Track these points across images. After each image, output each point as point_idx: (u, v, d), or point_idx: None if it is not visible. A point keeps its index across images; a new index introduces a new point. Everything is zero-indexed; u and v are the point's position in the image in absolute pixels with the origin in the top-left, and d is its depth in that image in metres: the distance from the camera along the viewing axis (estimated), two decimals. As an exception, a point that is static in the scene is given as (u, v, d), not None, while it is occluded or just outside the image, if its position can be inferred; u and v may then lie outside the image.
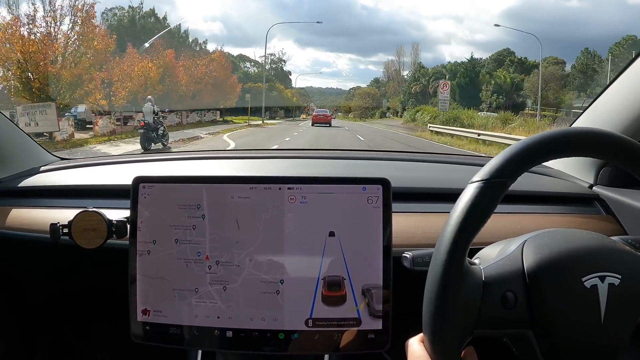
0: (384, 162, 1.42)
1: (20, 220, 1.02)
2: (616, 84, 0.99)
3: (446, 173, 1.27)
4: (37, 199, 1.09)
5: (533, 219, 0.98)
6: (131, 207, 0.74)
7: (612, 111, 0.99)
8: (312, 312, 0.71)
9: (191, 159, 1.37)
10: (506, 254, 0.57)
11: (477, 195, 0.52)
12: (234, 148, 10.70)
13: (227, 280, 0.72)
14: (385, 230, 0.71)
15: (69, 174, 1.21)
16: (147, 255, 0.73)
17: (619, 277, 0.52)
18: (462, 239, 0.51)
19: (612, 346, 0.53)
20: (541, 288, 0.53)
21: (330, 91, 74.85)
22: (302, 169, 1.29)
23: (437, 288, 0.52)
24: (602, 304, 0.52)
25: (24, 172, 1.19)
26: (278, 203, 0.72)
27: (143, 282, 0.73)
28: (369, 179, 0.72)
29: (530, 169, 0.54)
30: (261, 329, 0.71)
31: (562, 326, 0.52)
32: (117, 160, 1.33)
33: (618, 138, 0.55)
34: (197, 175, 0.76)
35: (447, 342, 0.52)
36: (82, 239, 0.77)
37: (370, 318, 0.71)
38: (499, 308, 0.53)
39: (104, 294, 1.09)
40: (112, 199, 1.03)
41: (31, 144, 1.28)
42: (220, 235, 0.72)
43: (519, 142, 0.54)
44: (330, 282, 0.71)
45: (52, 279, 1.12)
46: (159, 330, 0.73)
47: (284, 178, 0.73)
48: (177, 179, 0.75)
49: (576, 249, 0.54)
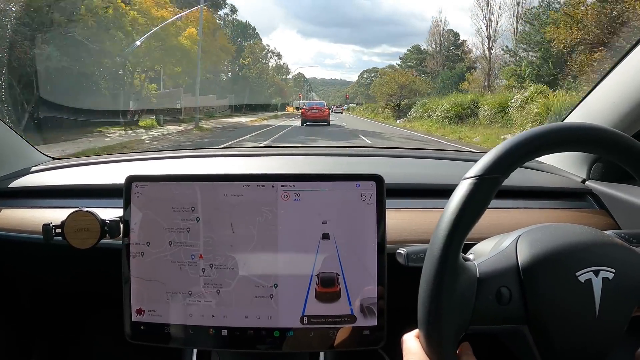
0: (378, 158, 1.42)
1: (12, 221, 1.01)
2: (609, 78, 0.99)
3: (440, 169, 1.27)
4: (29, 199, 1.08)
5: (527, 214, 0.98)
6: (124, 206, 0.73)
7: (605, 106, 1.00)
8: (304, 309, 0.71)
9: (184, 157, 1.36)
10: (500, 250, 0.57)
11: (470, 192, 0.52)
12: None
13: (221, 284, 0.71)
14: (379, 226, 0.71)
15: (61, 173, 1.20)
16: (141, 257, 0.73)
17: (613, 271, 0.53)
18: (456, 235, 0.51)
19: (607, 340, 0.53)
20: (536, 283, 0.53)
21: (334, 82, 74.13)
22: (295, 166, 1.28)
23: (431, 284, 0.52)
24: (596, 298, 0.52)
25: (16, 172, 1.18)
26: (272, 202, 0.72)
27: (137, 284, 0.73)
28: (362, 176, 0.72)
29: (523, 165, 0.54)
30: (256, 327, 0.71)
31: (556, 321, 0.52)
32: (109, 160, 1.32)
33: (611, 133, 0.55)
34: (189, 174, 0.75)
35: (442, 338, 0.52)
36: (75, 239, 0.76)
37: (364, 315, 0.71)
38: (494, 304, 0.53)
39: (97, 294, 1.08)
40: (104, 198, 1.02)
41: (22, 143, 1.26)
42: (214, 238, 0.72)
43: (512, 138, 0.54)
44: (324, 278, 0.70)
45: (45, 279, 1.11)
46: (153, 330, 0.72)
47: (277, 175, 0.73)
48: (169, 178, 0.74)
49: (570, 243, 0.55)
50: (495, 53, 26.94)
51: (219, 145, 10.00)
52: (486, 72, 27.23)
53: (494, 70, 26.67)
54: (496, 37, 27.00)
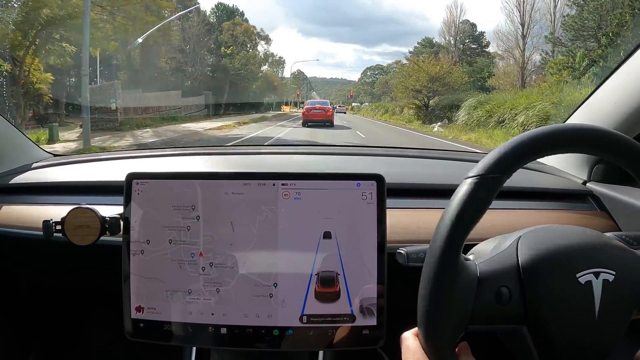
0: (379, 157, 1.42)
1: (13, 217, 1.01)
2: (611, 80, 0.99)
3: (441, 169, 1.27)
4: (29, 195, 1.08)
5: (527, 215, 0.98)
6: (124, 203, 0.73)
7: (607, 107, 1.00)
8: (304, 308, 0.71)
9: (185, 155, 1.36)
10: (501, 250, 0.57)
11: (472, 191, 0.52)
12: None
13: (220, 283, 0.71)
14: (380, 226, 0.71)
15: (61, 170, 1.20)
16: (141, 255, 0.73)
17: (613, 273, 0.53)
18: (457, 235, 0.51)
19: (606, 342, 0.53)
20: (536, 284, 0.53)
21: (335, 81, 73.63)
22: (296, 165, 1.28)
23: (431, 284, 0.52)
24: (596, 300, 0.52)
25: (16, 168, 1.18)
26: (272, 201, 0.72)
27: (136, 282, 0.73)
28: (363, 175, 0.72)
29: (524, 165, 0.54)
30: (255, 326, 0.71)
31: (556, 322, 0.52)
32: (109, 157, 1.32)
33: (612, 135, 0.55)
34: (190, 172, 0.75)
35: (441, 337, 0.52)
36: (75, 235, 0.76)
37: (364, 314, 0.71)
38: (493, 304, 0.53)
39: (97, 291, 1.09)
40: (105, 195, 1.02)
41: (23, 140, 1.27)
42: (214, 237, 0.72)
43: (514, 138, 0.54)
44: (323, 278, 0.70)
45: (45, 276, 1.11)
46: (153, 327, 0.72)
47: (277, 174, 0.73)
48: (170, 175, 0.74)
49: (570, 245, 0.55)
50: (531, 43, 21.71)
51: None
52: (520, 66, 22.31)
53: (530, 64, 21.67)
54: (532, 23, 22.10)
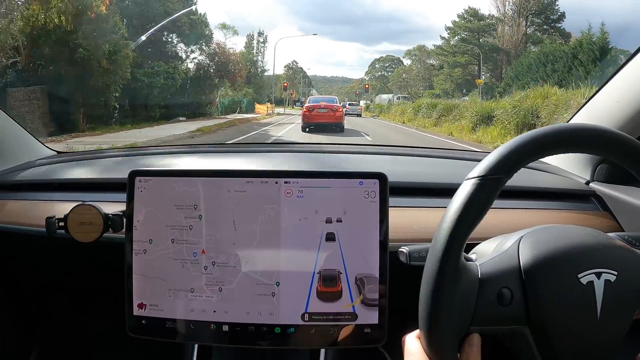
0: (381, 156, 1.42)
1: (16, 214, 1.01)
2: (614, 80, 0.99)
3: (443, 168, 1.27)
4: (32, 192, 1.09)
5: (529, 215, 0.98)
6: (127, 200, 0.74)
7: (611, 107, 0.99)
8: (306, 307, 0.71)
9: (188, 153, 1.37)
10: (502, 250, 0.57)
11: (473, 192, 0.52)
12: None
13: (223, 282, 0.71)
14: (382, 224, 0.71)
15: (65, 167, 1.20)
16: (143, 255, 0.73)
17: (615, 274, 0.52)
18: (458, 235, 0.51)
19: (608, 343, 0.53)
20: (537, 284, 0.53)
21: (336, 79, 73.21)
22: (299, 163, 1.28)
23: (433, 284, 0.52)
24: (598, 301, 0.52)
25: (20, 165, 1.19)
26: (275, 199, 0.72)
27: (139, 280, 0.73)
28: (366, 174, 0.72)
29: (527, 165, 0.54)
30: (257, 324, 0.71)
31: (558, 323, 0.52)
32: (113, 154, 1.33)
33: (615, 135, 0.54)
34: (193, 169, 0.75)
35: (442, 339, 0.52)
36: (78, 232, 0.76)
37: (366, 313, 0.71)
38: (495, 305, 0.53)
39: (99, 288, 1.09)
40: (108, 192, 1.03)
41: (27, 137, 1.27)
42: (217, 236, 0.72)
43: (516, 138, 0.54)
44: (325, 276, 0.70)
45: (48, 273, 1.11)
46: (155, 324, 0.73)
47: (280, 172, 0.73)
48: (173, 173, 0.74)
49: (572, 245, 0.54)
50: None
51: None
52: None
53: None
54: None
